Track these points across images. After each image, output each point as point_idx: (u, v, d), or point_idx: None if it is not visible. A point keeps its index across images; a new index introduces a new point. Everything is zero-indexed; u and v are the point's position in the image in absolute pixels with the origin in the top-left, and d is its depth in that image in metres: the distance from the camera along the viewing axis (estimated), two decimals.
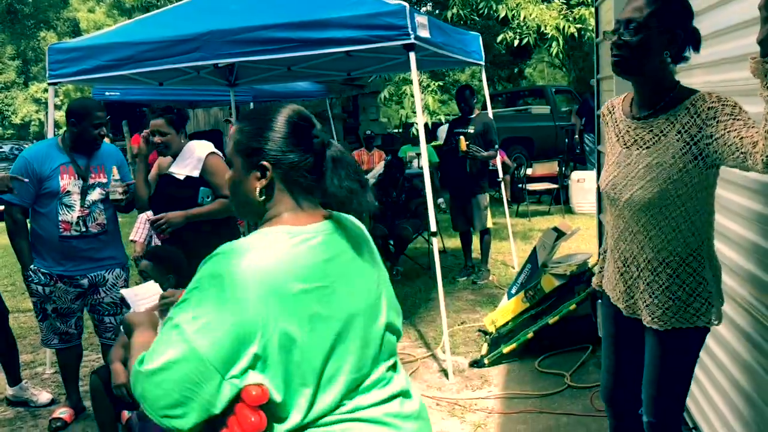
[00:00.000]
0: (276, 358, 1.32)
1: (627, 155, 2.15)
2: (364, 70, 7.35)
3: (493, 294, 6.09)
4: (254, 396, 1.31)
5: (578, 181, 10.05)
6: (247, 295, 1.31)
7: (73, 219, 3.58)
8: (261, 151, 1.44)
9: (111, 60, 4.68)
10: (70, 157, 3.62)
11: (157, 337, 1.37)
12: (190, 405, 1.29)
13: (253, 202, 1.47)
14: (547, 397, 3.90)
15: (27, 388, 4.14)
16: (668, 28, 2.01)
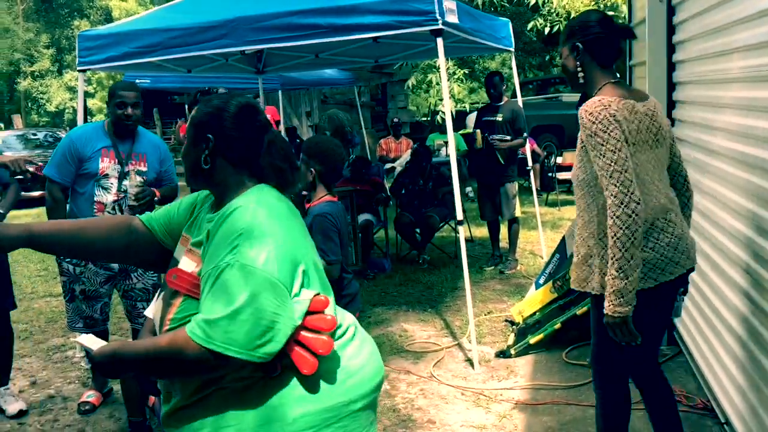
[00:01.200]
0: (313, 274, 1.64)
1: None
2: (392, 56, 7.31)
3: (520, 284, 6.03)
4: (323, 300, 1.60)
5: None
6: (284, 225, 1.61)
7: (107, 201, 3.59)
8: (210, 126, 1.71)
9: (139, 47, 4.71)
10: (112, 141, 3.63)
11: (215, 288, 1.50)
12: (277, 327, 1.50)
13: (197, 169, 1.73)
14: (574, 388, 3.84)
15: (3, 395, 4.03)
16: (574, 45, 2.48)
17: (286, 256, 1.56)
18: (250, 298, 1.48)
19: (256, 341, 1.48)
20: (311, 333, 1.57)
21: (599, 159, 2.27)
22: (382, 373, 1.81)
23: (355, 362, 1.70)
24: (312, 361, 1.56)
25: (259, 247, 1.53)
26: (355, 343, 1.74)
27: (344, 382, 1.66)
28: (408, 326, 5.13)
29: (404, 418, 3.64)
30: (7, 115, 30.25)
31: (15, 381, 4.20)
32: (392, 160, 10.30)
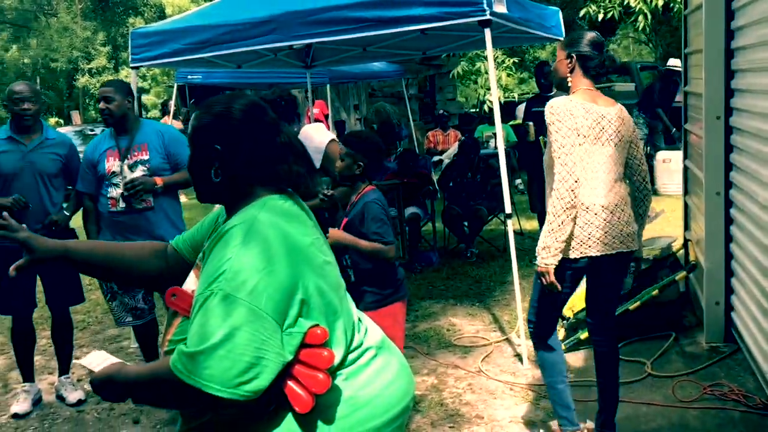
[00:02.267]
0: (315, 302, 1.48)
1: None
2: (440, 48, 7.24)
3: None
4: (320, 334, 1.45)
5: (664, 161, 9.63)
6: (279, 251, 1.44)
7: (117, 196, 3.72)
8: (215, 135, 1.56)
9: (190, 43, 4.77)
10: (115, 140, 3.76)
11: (199, 317, 1.40)
12: (263, 363, 1.37)
13: (207, 184, 1.60)
14: (626, 385, 3.75)
15: (64, 383, 4.19)
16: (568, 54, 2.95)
17: (278, 285, 1.41)
18: (231, 332, 1.35)
19: (238, 378, 1.35)
20: (307, 368, 1.44)
21: (554, 143, 2.80)
22: (404, 403, 1.64)
23: (366, 392, 1.55)
24: (306, 399, 1.43)
25: (248, 275, 1.39)
26: (370, 369, 1.58)
27: (349, 416, 1.51)
28: (456, 320, 5.10)
29: (452, 413, 3.62)
30: (66, 112, 31.22)
31: (73, 370, 4.34)
32: (440, 152, 10.22)
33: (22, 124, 3.84)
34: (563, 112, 2.81)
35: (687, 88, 4.90)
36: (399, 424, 1.63)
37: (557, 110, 2.82)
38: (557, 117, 2.81)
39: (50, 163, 3.91)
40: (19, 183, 3.81)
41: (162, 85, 27.94)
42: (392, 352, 1.70)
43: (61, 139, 4.07)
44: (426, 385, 4.00)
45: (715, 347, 4.01)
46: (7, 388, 4.41)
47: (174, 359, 1.40)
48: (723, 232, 3.96)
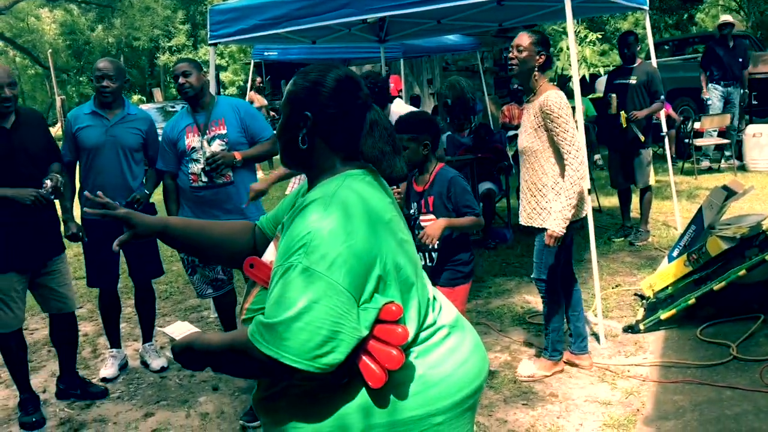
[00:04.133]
0: (392, 278, 1.48)
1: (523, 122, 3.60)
2: (517, 19, 7.06)
3: (651, 256, 5.74)
4: (395, 311, 1.45)
5: (754, 136, 9.16)
6: (360, 226, 1.45)
7: (198, 171, 3.78)
8: (307, 102, 1.58)
9: (266, 19, 4.83)
10: (192, 117, 3.83)
11: (278, 288, 1.42)
12: (339, 337, 1.38)
13: (294, 149, 1.62)
14: (710, 368, 3.62)
15: (148, 351, 4.36)
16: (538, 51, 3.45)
17: (357, 260, 1.42)
18: (309, 305, 1.37)
19: (315, 351, 1.37)
20: (381, 344, 1.45)
21: (563, 133, 3.34)
22: (477, 383, 1.63)
23: (438, 371, 1.54)
24: (379, 374, 1.44)
25: (328, 249, 1.40)
26: (442, 348, 1.58)
27: (421, 393, 1.51)
28: (530, 297, 5.02)
29: (525, 390, 3.58)
30: (148, 89, 32.29)
31: (156, 338, 4.52)
32: (515, 127, 10.01)
33: (102, 101, 3.97)
34: (566, 107, 3.36)
35: None
36: (471, 404, 1.62)
37: (561, 106, 3.35)
38: (564, 112, 3.34)
39: (132, 138, 4.04)
40: (102, 157, 3.95)
41: (239, 63, 28.48)
42: (466, 331, 1.69)
43: (142, 114, 4.20)
44: (499, 361, 3.97)
45: None
46: (96, 353, 4.64)
47: (252, 329, 1.43)
48: None
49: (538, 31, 3.62)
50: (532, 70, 3.48)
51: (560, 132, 3.37)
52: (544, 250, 3.56)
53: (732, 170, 9.27)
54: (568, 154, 3.36)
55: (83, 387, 3.93)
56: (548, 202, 3.48)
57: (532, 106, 3.51)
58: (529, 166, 3.54)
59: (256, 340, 1.41)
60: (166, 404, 3.80)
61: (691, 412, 3.20)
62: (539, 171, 3.50)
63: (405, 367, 1.48)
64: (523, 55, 3.47)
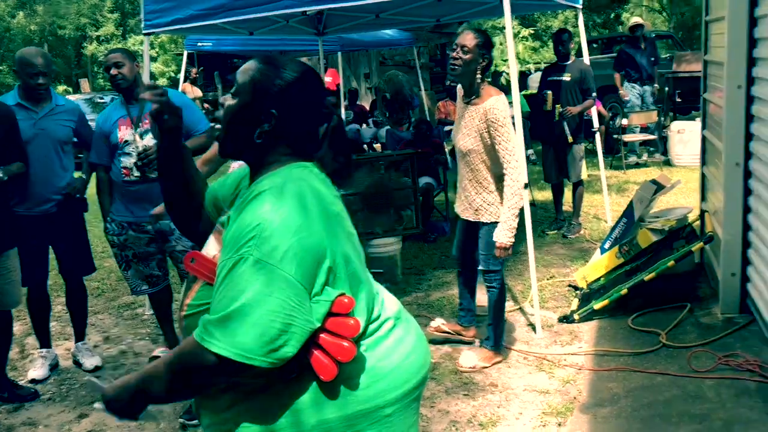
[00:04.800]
0: (342, 271, 1.46)
1: (460, 121, 3.65)
2: (455, 15, 7.14)
3: (584, 248, 5.91)
4: (347, 303, 1.44)
5: (678, 132, 9.54)
6: (311, 217, 1.42)
7: (130, 165, 3.69)
8: (274, 96, 1.52)
9: (203, 9, 4.72)
10: (126, 109, 3.73)
11: (227, 282, 1.37)
12: (292, 330, 1.36)
13: (245, 140, 1.55)
14: (641, 355, 3.76)
15: (81, 349, 4.22)
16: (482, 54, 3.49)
17: (309, 252, 1.39)
18: (262, 299, 1.34)
19: (269, 346, 1.34)
20: (332, 337, 1.43)
21: (506, 143, 3.43)
22: (422, 373, 1.64)
23: (387, 363, 1.54)
24: (331, 367, 1.42)
25: (279, 240, 1.36)
26: (389, 340, 1.58)
27: (371, 386, 1.50)
28: None
29: (466, 381, 3.64)
30: (75, 79, 31.12)
31: (89, 336, 4.38)
32: (451, 122, 10.15)
33: (35, 96, 3.81)
34: (508, 117, 3.45)
35: (707, 56, 4.82)
36: (417, 395, 1.64)
37: (505, 115, 3.42)
38: (507, 122, 3.43)
39: (62, 130, 3.90)
40: (32, 150, 3.79)
41: (169, 54, 27.76)
42: (410, 323, 1.69)
43: (70, 105, 4.05)
44: (440, 353, 4.02)
45: (730, 318, 4.00)
46: (24, 353, 4.46)
47: (200, 331, 1.38)
48: (741, 204, 3.92)
49: (482, 31, 3.64)
50: (474, 72, 3.50)
51: (502, 142, 3.45)
52: (492, 242, 3.62)
53: (658, 165, 9.64)
54: (508, 164, 3.46)
55: (11, 390, 3.77)
56: (496, 197, 3.59)
57: (475, 109, 3.55)
58: (474, 165, 3.62)
59: (206, 340, 1.36)
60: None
61: (625, 398, 3.32)
62: (483, 169, 3.59)
63: (355, 360, 1.46)
64: (467, 57, 3.48)
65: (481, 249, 3.73)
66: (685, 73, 10.71)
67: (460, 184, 3.77)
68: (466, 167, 3.67)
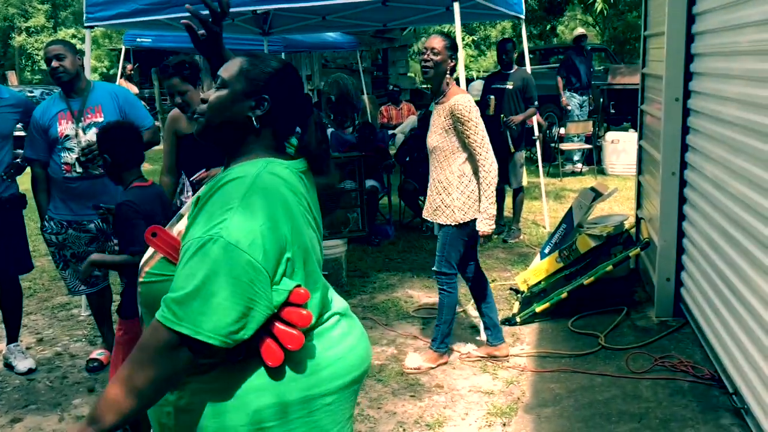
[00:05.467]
0: (300, 265, 1.51)
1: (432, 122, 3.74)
2: (401, 21, 7.21)
3: (524, 253, 6.05)
4: (303, 294, 1.49)
5: (612, 142, 9.87)
6: (278, 208, 1.47)
7: (72, 161, 3.59)
8: (266, 84, 1.59)
9: (148, 4, 4.63)
10: (66, 103, 3.62)
11: (193, 262, 1.38)
12: (252, 314, 1.40)
13: (235, 127, 1.59)
14: (581, 357, 3.88)
15: (13, 351, 4.04)
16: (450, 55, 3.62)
17: (273, 241, 1.43)
18: (228, 281, 1.36)
19: (230, 327, 1.37)
20: (284, 325, 1.47)
21: (474, 135, 3.52)
22: (364, 367, 1.69)
23: (331, 353, 1.59)
24: (279, 354, 1.46)
25: (248, 227, 1.40)
26: (335, 332, 1.63)
27: (314, 374, 1.54)
28: (413, 292, 5.15)
29: (412, 383, 3.67)
30: (1, 72, 29.84)
31: (22, 338, 4.21)
32: (393, 126, 10.23)
33: None
34: (474, 109, 3.54)
35: (645, 69, 5.01)
36: (356, 388, 1.69)
37: (470, 109, 3.53)
38: (474, 115, 3.53)
39: (6, 124, 3.74)
40: None
41: (103, 48, 26.96)
42: (354, 320, 1.75)
43: (15, 97, 3.89)
44: (386, 355, 4.04)
45: (664, 321, 4.17)
46: None
47: (162, 311, 1.38)
48: (676, 211, 4.09)
49: (447, 34, 3.73)
50: (444, 73, 3.61)
51: (471, 134, 3.53)
52: (446, 245, 3.70)
53: (593, 173, 9.94)
54: (479, 155, 3.55)
55: None
56: (453, 200, 3.63)
57: (442, 108, 3.63)
58: (438, 165, 3.69)
59: (168, 319, 1.36)
60: (35, 408, 3.55)
61: (567, 399, 3.42)
62: (446, 170, 3.65)
63: (301, 349, 1.50)
64: (437, 58, 3.59)
65: (437, 249, 3.77)
66: (620, 85, 11.08)
67: (428, 183, 3.82)
68: (431, 166, 3.75)
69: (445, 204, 3.67)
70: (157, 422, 1.59)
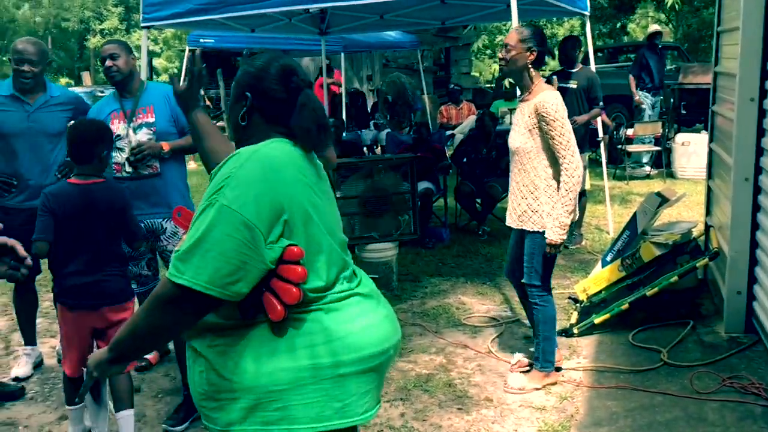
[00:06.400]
0: (300, 228, 1.65)
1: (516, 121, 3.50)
2: (460, 18, 7.05)
3: (585, 260, 5.80)
4: (296, 251, 1.63)
5: (683, 144, 9.44)
6: (275, 174, 1.64)
7: (122, 161, 3.57)
8: (248, 84, 1.80)
9: (202, 3, 4.63)
10: (119, 103, 3.61)
11: (196, 224, 1.59)
12: (246, 268, 1.57)
13: (236, 125, 1.83)
14: (641, 373, 3.65)
15: None
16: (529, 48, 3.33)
17: (267, 202, 1.60)
18: (222, 237, 1.54)
19: (226, 279, 1.54)
20: (282, 281, 1.61)
21: (559, 137, 3.26)
22: (385, 346, 1.76)
23: (344, 327, 1.69)
24: (280, 309, 1.60)
25: (243, 189, 1.59)
26: (351, 310, 1.73)
27: (326, 344, 1.65)
28: (466, 299, 4.99)
29: (460, 395, 3.53)
30: (77, 72, 31.05)
31: None
32: (452, 127, 10.06)
33: (20, 86, 3.69)
34: (562, 110, 3.29)
35: (718, 68, 4.72)
36: (377, 365, 1.74)
37: (558, 109, 3.27)
38: (561, 115, 3.27)
39: (57, 123, 3.79)
40: (21, 144, 3.67)
41: (173, 49, 27.69)
42: (381, 304, 1.84)
43: (66, 96, 3.93)
44: (434, 364, 3.90)
45: (734, 338, 3.89)
46: (9, 350, 4.35)
47: (170, 270, 1.57)
48: (749, 220, 3.82)
49: (532, 25, 3.53)
50: (523, 68, 3.37)
51: (556, 136, 3.28)
52: (535, 254, 3.45)
53: (661, 177, 9.54)
54: (563, 159, 3.29)
55: None
56: (540, 204, 3.38)
57: (526, 105, 3.41)
58: (521, 167, 3.45)
59: (173, 275, 1.55)
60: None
61: (624, 419, 3.21)
62: (531, 172, 3.40)
63: (313, 319, 1.66)
64: (511, 54, 3.37)
65: (525, 260, 3.51)
66: (692, 84, 10.61)
67: (510, 188, 3.60)
68: (513, 168, 3.51)
69: (532, 209, 3.40)
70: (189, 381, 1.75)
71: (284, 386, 1.62)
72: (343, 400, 1.67)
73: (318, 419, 1.64)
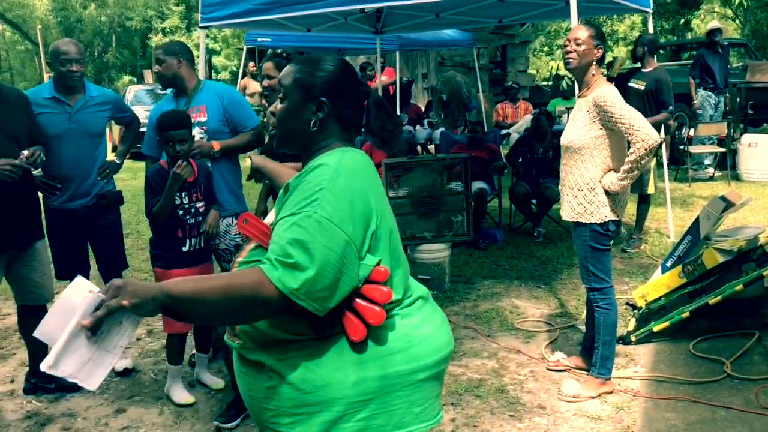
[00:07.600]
0: (384, 241, 1.65)
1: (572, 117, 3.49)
2: (517, 17, 6.93)
3: (644, 265, 5.64)
4: (383, 272, 1.62)
5: (749, 145, 9.08)
6: (363, 188, 1.62)
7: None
8: (324, 89, 1.71)
9: (260, 4, 4.67)
10: (175, 103, 3.66)
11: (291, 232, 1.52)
12: (340, 284, 1.53)
13: (303, 132, 1.74)
14: (703, 385, 3.52)
15: None
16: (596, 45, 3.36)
17: (361, 216, 1.58)
18: (324, 251, 1.50)
19: (321, 293, 1.50)
20: (365, 301, 1.59)
21: (623, 118, 3.19)
22: (450, 347, 1.79)
23: (420, 332, 1.70)
24: (362, 329, 1.58)
25: (339, 204, 1.55)
26: (421, 314, 1.75)
27: (406, 350, 1.66)
28: (519, 302, 4.91)
29: (512, 401, 3.46)
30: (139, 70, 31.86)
31: None
32: (509, 125, 9.92)
33: (68, 85, 3.73)
34: (619, 98, 3.26)
35: None
36: (441, 371, 1.76)
37: (615, 95, 3.27)
38: (613, 101, 3.24)
39: (98, 123, 3.86)
40: (64, 145, 3.72)
41: (232, 48, 28.15)
42: (435, 305, 1.86)
43: (104, 95, 3.98)
44: (486, 369, 3.84)
45: None
46: None
47: (269, 268, 1.50)
48: None
49: (593, 24, 3.48)
50: (590, 64, 3.39)
51: (618, 119, 3.21)
52: (588, 258, 3.41)
53: (726, 179, 9.20)
54: (636, 133, 3.17)
55: (57, 380, 3.76)
56: (597, 195, 3.34)
57: (584, 101, 3.39)
58: (574, 163, 3.41)
59: (275, 277, 1.49)
60: (139, 400, 3.65)
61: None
62: (582, 168, 3.38)
63: (391, 327, 1.65)
64: (581, 49, 3.37)
65: (579, 265, 3.46)
66: (761, 83, 10.21)
67: (561, 183, 3.55)
68: (567, 165, 3.46)
69: (588, 200, 3.36)
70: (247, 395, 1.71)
71: (371, 395, 1.61)
72: (421, 405, 1.69)
73: (400, 425, 1.65)
